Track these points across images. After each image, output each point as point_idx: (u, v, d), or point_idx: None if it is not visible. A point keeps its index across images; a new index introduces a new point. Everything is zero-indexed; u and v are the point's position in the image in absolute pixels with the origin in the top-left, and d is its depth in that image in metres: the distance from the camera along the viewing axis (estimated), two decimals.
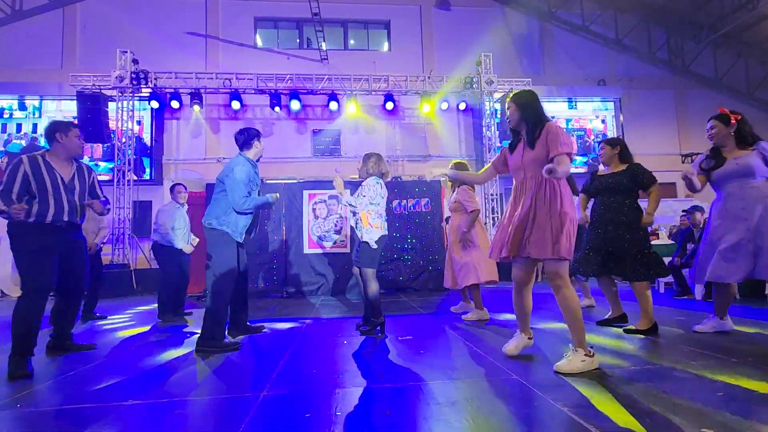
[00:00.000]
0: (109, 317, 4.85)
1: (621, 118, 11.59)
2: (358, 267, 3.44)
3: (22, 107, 10.09)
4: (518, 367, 2.30)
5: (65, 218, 2.77)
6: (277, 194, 3.41)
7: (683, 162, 12.17)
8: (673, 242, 6.82)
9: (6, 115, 10.03)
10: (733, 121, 2.86)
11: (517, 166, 2.42)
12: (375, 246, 3.35)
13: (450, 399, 1.87)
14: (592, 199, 3.50)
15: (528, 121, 2.37)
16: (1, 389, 2.22)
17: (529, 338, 2.55)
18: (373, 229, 3.35)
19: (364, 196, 3.38)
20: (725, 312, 3.02)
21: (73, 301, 3.03)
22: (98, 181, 3.14)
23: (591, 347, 2.23)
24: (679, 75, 12.67)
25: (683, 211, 5.48)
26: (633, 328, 3.15)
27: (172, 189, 4.85)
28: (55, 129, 2.85)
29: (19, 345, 2.51)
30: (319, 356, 2.76)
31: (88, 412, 1.84)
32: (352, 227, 6.75)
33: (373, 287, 3.37)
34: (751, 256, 2.70)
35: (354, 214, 3.48)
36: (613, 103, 11.74)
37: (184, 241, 4.70)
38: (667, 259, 5.70)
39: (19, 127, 10.05)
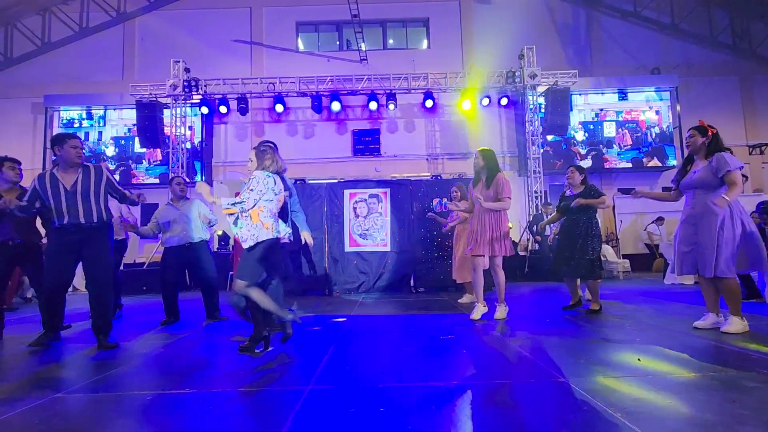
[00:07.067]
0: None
1: (678, 108, 10.81)
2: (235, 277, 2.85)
3: (89, 117, 10.97)
4: (566, 369, 2.22)
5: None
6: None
7: (750, 153, 11.17)
8: None
9: (75, 125, 10.94)
10: (709, 133, 3.10)
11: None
12: (257, 253, 2.76)
13: (496, 400, 1.84)
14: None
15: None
16: (72, 373, 2.43)
17: (483, 306, 3.87)
18: (262, 228, 2.78)
19: (252, 190, 2.78)
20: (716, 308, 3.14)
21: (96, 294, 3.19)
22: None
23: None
24: (744, 59, 11.63)
25: (759, 205, 5.00)
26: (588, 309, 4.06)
27: (171, 181, 4.38)
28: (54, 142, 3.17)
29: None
30: (362, 353, 2.80)
31: (149, 398, 1.98)
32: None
33: (257, 296, 2.75)
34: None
35: (237, 216, 2.82)
36: (668, 92, 10.96)
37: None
38: None
39: (87, 135, 10.91)
